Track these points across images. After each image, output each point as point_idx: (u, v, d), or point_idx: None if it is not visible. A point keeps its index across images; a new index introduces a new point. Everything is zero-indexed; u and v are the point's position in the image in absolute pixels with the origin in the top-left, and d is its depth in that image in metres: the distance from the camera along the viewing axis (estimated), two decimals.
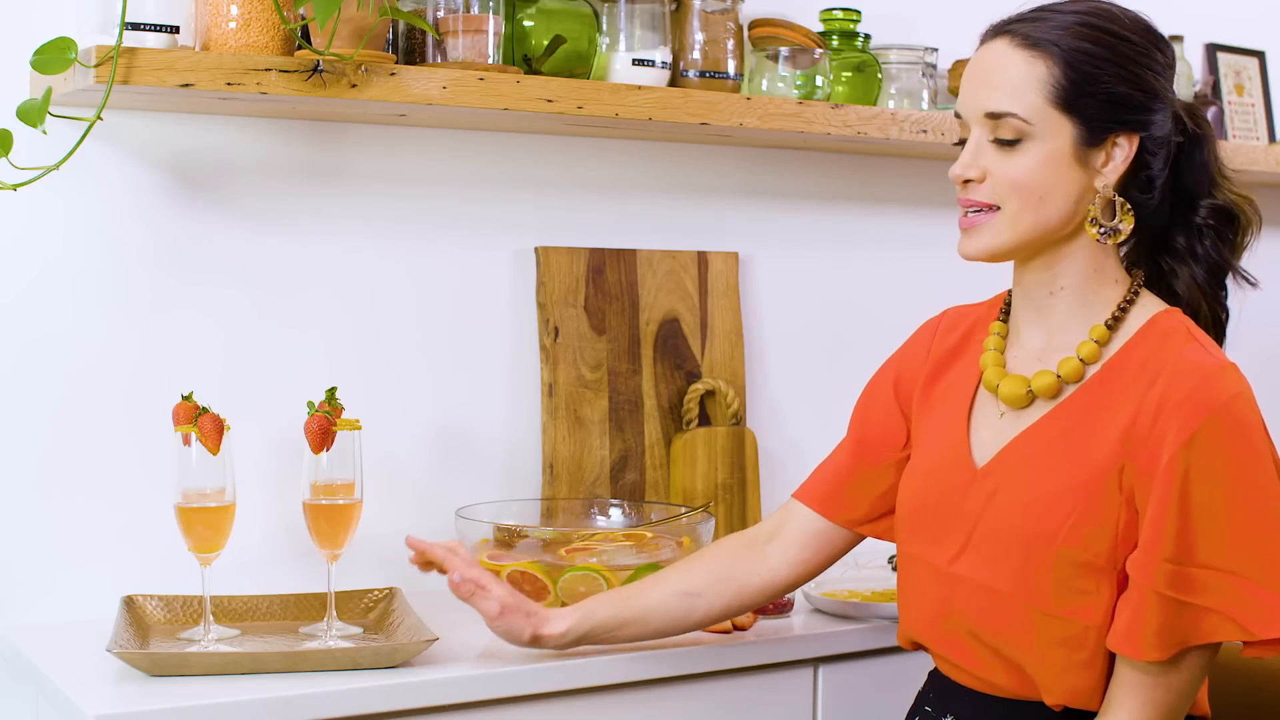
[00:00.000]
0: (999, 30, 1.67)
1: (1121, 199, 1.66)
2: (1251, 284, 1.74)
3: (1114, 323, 1.67)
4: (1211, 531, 1.55)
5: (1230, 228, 1.71)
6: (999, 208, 1.65)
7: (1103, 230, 1.65)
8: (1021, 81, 1.62)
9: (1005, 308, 1.78)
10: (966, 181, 1.66)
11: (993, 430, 1.72)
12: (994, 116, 1.63)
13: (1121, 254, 1.73)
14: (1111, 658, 1.62)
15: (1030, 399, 1.69)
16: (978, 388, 1.75)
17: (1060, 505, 1.61)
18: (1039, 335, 1.72)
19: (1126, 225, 1.66)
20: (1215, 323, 1.73)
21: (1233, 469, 1.56)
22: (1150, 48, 1.66)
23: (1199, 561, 1.55)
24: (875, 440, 1.86)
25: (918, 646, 1.79)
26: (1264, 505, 1.56)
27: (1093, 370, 1.67)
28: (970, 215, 1.67)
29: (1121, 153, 1.64)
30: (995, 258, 1.68)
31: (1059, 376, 1.67)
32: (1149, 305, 1.70)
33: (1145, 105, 1.64)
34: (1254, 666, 1.87)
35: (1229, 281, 1.74)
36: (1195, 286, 1.71)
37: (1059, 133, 1.62)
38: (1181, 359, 1.61)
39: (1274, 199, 3.03)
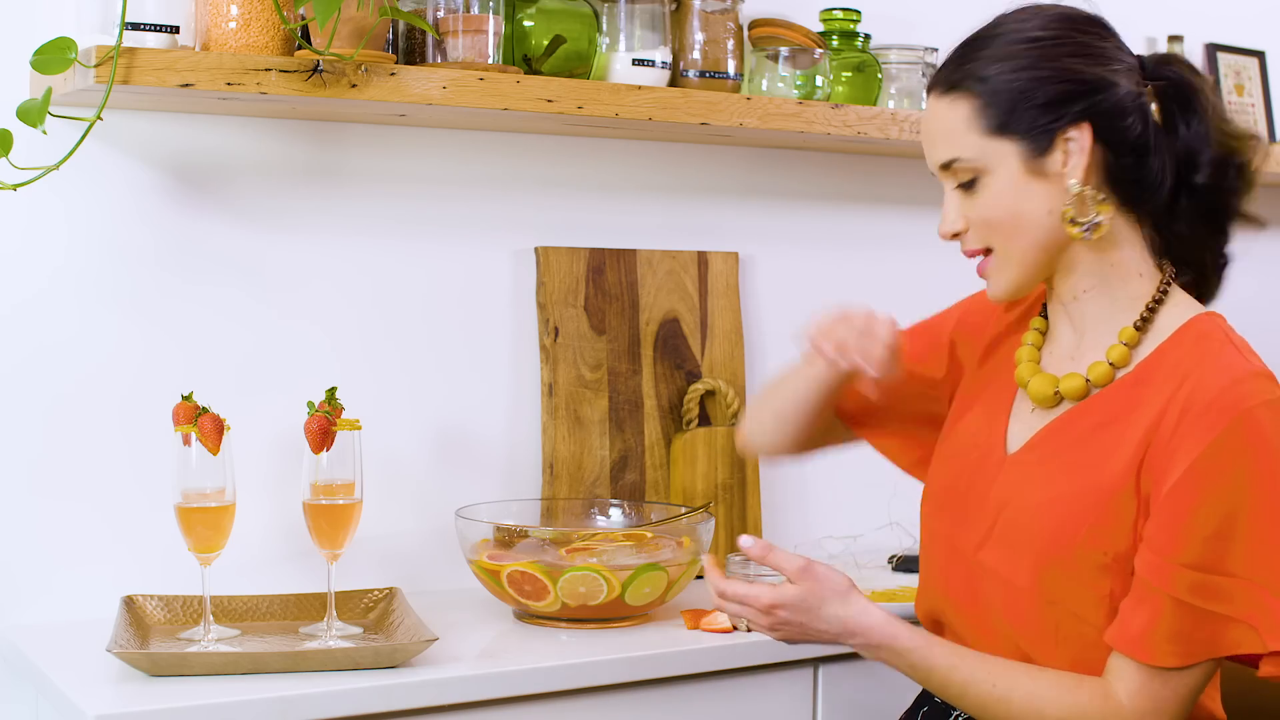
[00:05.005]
0: (929, 87, 1.69)
1: (1093, 190, 1.61)
2: (1260, 225, 1.69)
3: (1143, 324, 1.64)
4: (1232, 539, 1.53)
5: (1232, 172, 1.64)
6: (991, 249, 1.66)
7: (1082, 228, 1.61)
8: (951, 126, 1.63)
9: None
10: (956, 235, 1.68)
11: (1024, 423, 1.71)
12: (945, 167, 1.65)
13: (1149, 241, 1.67)
14: None
15: (1058, 400, 1.68)
16: None
17: (1079, 507, 1.60)
18: (1070, 334, 1.71)
19: (1105, 214, 1.62)
20: (1217, 271, 1.68)
21: (1256, 477, 1.53)
22: (1068, 33, 1.62)
23: (1220, 569, 1.53)
24: (913, 363, 1.86)
25: (937, 624, 1.78)
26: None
27: (1124, 372, 1.64)
28: (978, 263, 1.69)
29: (1077, 145, 1.60)
30: (1021, 292, 1.69)
31: (1088, 380, 1.65)
32: (1185, 307, 1.66)
33: (1078, 93, 1.60)
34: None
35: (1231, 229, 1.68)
36: (1194, 242, 1.66)
37: (1004, 157, 1.62)
38: (1214, 362, 1.58)
39: (1274, 199, 3.03)
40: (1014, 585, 1.64)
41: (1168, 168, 1.63)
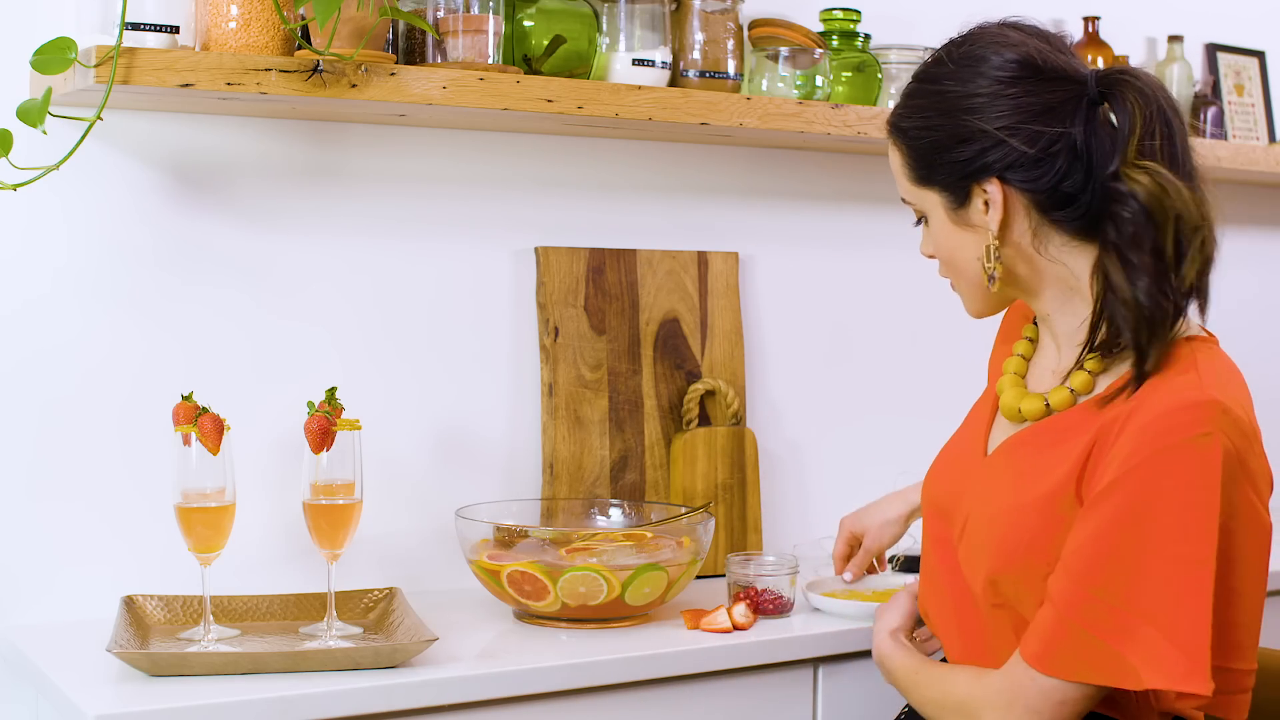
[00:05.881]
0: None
1: (997, 242, 1.61)
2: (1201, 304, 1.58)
3: (1107, 350, 1.60)
4: (1128, 568, 1.49)
5: (1151, 225, 1.53)
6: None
7: (990, 279, 1.64)
8: (894, 170, 1.71)
9: None
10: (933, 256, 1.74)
11: (1002, 429, 1.73)
12: (904, 201, 1.72)
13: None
14: None
15: (1020, 418, 1.68)
16: None
17: (1024, 517, 1.59)
18: (1052, 347, 1.70)
19: (998, 272, 1.62)
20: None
21: (1164, 513, 1.48)
22: (969, 80, 1.60)
23: (1108, 595, 1.49)
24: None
25: (926, 616, 1.81)
26: (1181, 554, 1.48)
27: (1089, 396, 1.62)
28: None
29: (991, 200, 1.61)
30: (987, 314, 1.73)
31: (1048, 405, 1.64)
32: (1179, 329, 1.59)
33: (982, 150, 1.59)
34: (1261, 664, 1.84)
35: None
36: (1133, 301, 1.55)
37: (934, 205, 1.67)
38: (1168, 384, 1.53)
39: (1274, 199, 3.03)
40: (971, 590, 1.66)
41: (1095, 195, 1.58)
